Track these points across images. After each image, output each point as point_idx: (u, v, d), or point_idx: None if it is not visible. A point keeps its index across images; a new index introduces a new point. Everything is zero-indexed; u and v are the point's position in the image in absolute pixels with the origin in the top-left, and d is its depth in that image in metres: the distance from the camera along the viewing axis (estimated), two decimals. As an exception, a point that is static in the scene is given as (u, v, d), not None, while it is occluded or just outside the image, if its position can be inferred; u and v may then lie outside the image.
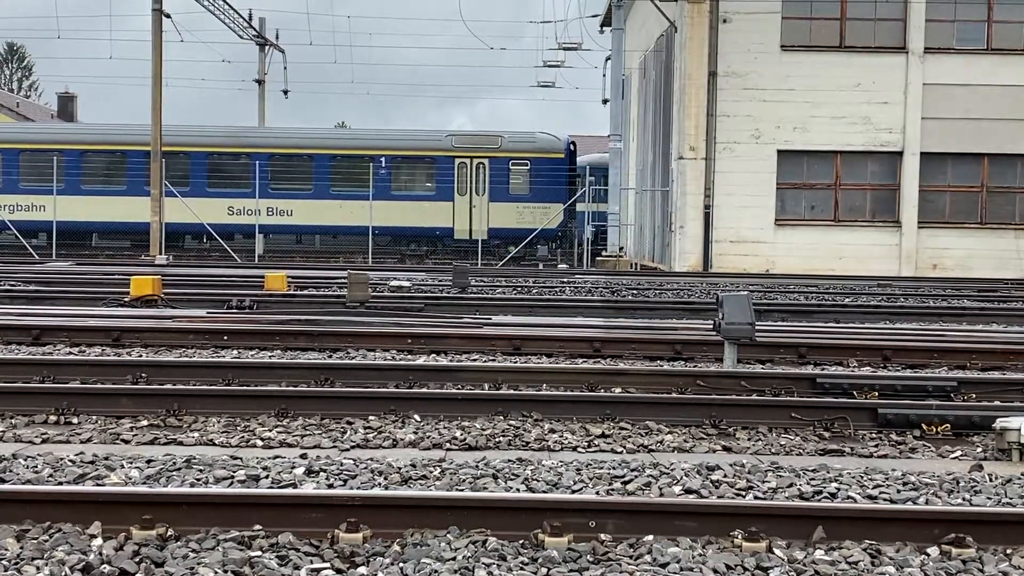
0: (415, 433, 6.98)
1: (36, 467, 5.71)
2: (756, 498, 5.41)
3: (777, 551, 4.49)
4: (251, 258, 31.67)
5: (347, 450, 6.55)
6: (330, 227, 35.07)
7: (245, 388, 8.04)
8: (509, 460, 6.04)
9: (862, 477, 5.90)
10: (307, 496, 4.76)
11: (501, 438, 6.90)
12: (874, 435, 7.38)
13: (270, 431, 7.01)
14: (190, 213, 32.88)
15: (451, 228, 35.04)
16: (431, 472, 5.73)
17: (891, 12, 31.22)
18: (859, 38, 29.45)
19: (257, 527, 4.55)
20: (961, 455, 6.88)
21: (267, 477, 5.55)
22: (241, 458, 5.99)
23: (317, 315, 13.20)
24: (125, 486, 5.36)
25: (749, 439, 7.15)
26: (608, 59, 36.77)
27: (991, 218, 29.86)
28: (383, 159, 35.01)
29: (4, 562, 4.17)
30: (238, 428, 7.15)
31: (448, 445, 6.74)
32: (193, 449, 6.47)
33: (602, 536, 4.56)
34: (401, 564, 4.26)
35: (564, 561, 4.34)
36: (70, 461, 5.85)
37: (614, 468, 5.89)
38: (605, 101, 38.90)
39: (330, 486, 5.45)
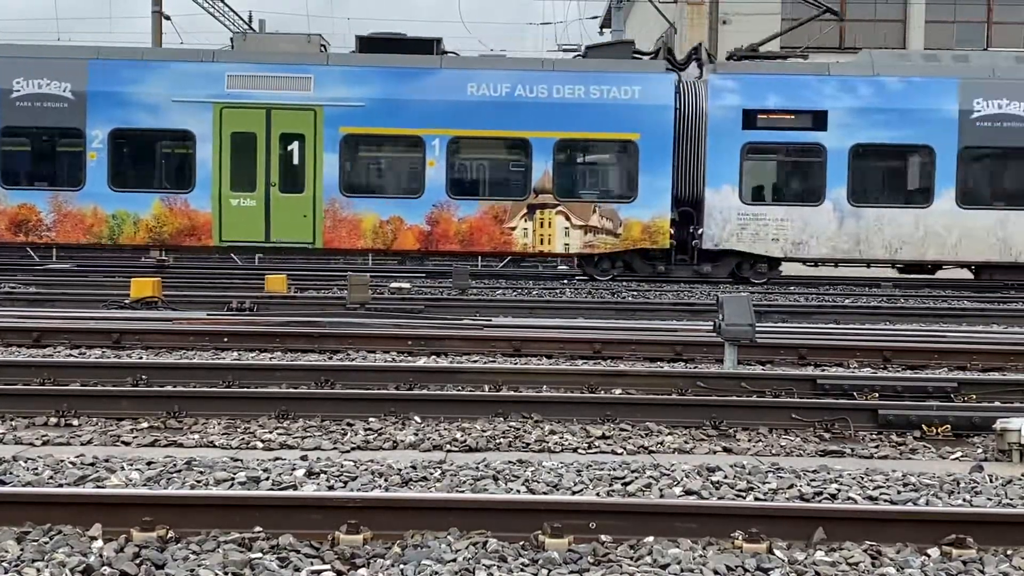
0: (415, 434, 6.98)
1: (36, 469, 5.71)
2: (756, 499, 5.41)
3: (778, 552, 4.50)
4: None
5: (347, 452, 6.55)
6: None
7: (245, 390, 8.04)
8: (509, 461, 6.04)
9: (862, 478, 5.90)
10: (307, 498, 4.76)
11: (501, 439, 6.90)
12: (874, 436, 7.38)
13: (270, 433, 7.01)
14: None
15: None
16: (431, 473, 5.73)
17: (891, 12, 31.29)
18: (859, 38, 29.50)
19: (258, 529, 4.55)
20: (961, 456, 6.89)
21: (267, 479, 5.55)
22: (241, 460, 6.00)
23: (317, 317, 13.20)
24: (125, 488, 5.37)
25: (749, 440, 7.15)
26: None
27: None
28: None
29: (4, 564, 4.17)
30: (238, 430, 7.15)
31: (448, 446, 6.74)
32: (193, 451, 6.47)
33: (603, 537, 4.56)
34: (402, 566, 4.26)
35: (565, 562, 4.34)
36: (70, 463, 5.86)
37: (614, 469, 5.89)
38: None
39: (330, 488, 5.45)
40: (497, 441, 6.86)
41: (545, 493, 5.42)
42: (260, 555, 4.34)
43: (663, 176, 21.18)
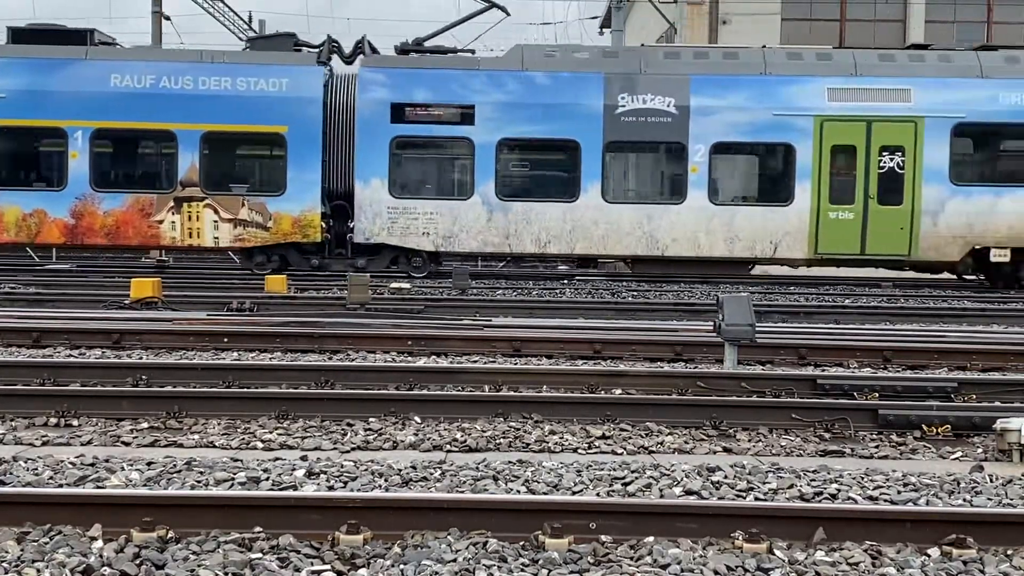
0: (415, 435, 6.98)
1: (36, 469, 5.71)
2: (757, 499, 5.41)
3: (778, 552, 4.49)
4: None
5: (347, 452, 6.55)
6: None
7: (245, 390, 8.05)
8: (509, 462, 6.04)
9: (863, 478, 5.90)
10: (308, 498, 4.76)
11: (501, 440, 6.90)
12: (874, 436, 7.38)
13: (270, 433, 7.01)
14: None
15: None
16: (431, 474, 5.73)
17: (891, 12, 31.30)
18: (859, 39, 29.49)
19: (258, 529, 4.55)
20: (962, 456, 6.88)
21: (268, 479, 5.55)
22: (241, 460, 6.00)
23: (317, 317, 13.20)
24: (125, 488, 5.37)
25: (749, 440, 7.15)
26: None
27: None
28: None
29: (4, 564, 4.17)
30: (238, 430, 7.15)
31: (448, 447, 6.74)
32: (193, 451, 6.47)
33: (603, 537, 4.56)
34: (402, 566, 4.26)
35: (565, 563, 4.34)
36: (70, 463, 5.86)
37: (615, 469, 5.89)
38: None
39: (331, 488, 5.45)
40: (497, 441, 6.86)
41: (545, 493, 5.42)
42: (260, 555, 4.34)
43: (312, 170, 21.18)
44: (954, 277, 22.50)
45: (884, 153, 21.12)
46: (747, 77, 21.21)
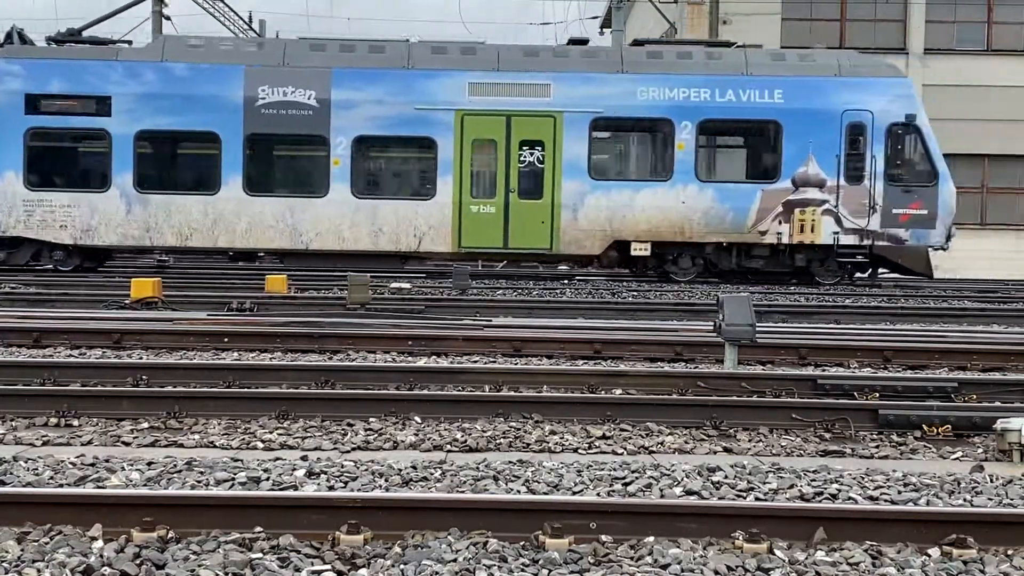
0: (416, 435, 6.98)
1: (37, 469, 5.71)
2: (757, 499, 5.41)
3: (778, 552, 4.49)
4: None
5: (348, 452, 6.55)
6: None
7: (246, 390, 8.05)
8: (510, 462, 6.04)
9: (863, 478, 5.90)
10: (308, 498, 4.76)
11: (502, 440, 6.90)
12: (875, 436, 7.38)
13: (271, 433, 7.01)
14: None
15: None
16: (432, 474, 5.73)
17: (891, 13, 31.30)
18: (859, 39, 29.50)
19: (258, 529, 4.55)
20: (962, 456, 6.89)
21: (268, 479, 5.55)
22: (242, 460, 6.00)
23: (317, 317, 13.20)
24: (126, 488, 5.37)
25: (750, 440, 7.15)
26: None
27: (992, 219, 30.06)
28: None
29: (5, 564, 4.17)
30: (239, 430, 7.15)
31: (449, 447, 6.74)
32: (194, 451, 6.47)
33: (603, 537, 4.56)
34: (402, 566, 4.26)
35: (565, 563, 4.34)
36: (71, 463, 5.85)
37: (615, 469, 5.89)
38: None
39: (331, 488, 5.45)
40: (497, 441, 6.86)
41: (545, 493, 5.42)
42: (260, 555, 4.33)
43: None
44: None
45: (524, 148, 21.23)
46: (390, 71, 21.29)
